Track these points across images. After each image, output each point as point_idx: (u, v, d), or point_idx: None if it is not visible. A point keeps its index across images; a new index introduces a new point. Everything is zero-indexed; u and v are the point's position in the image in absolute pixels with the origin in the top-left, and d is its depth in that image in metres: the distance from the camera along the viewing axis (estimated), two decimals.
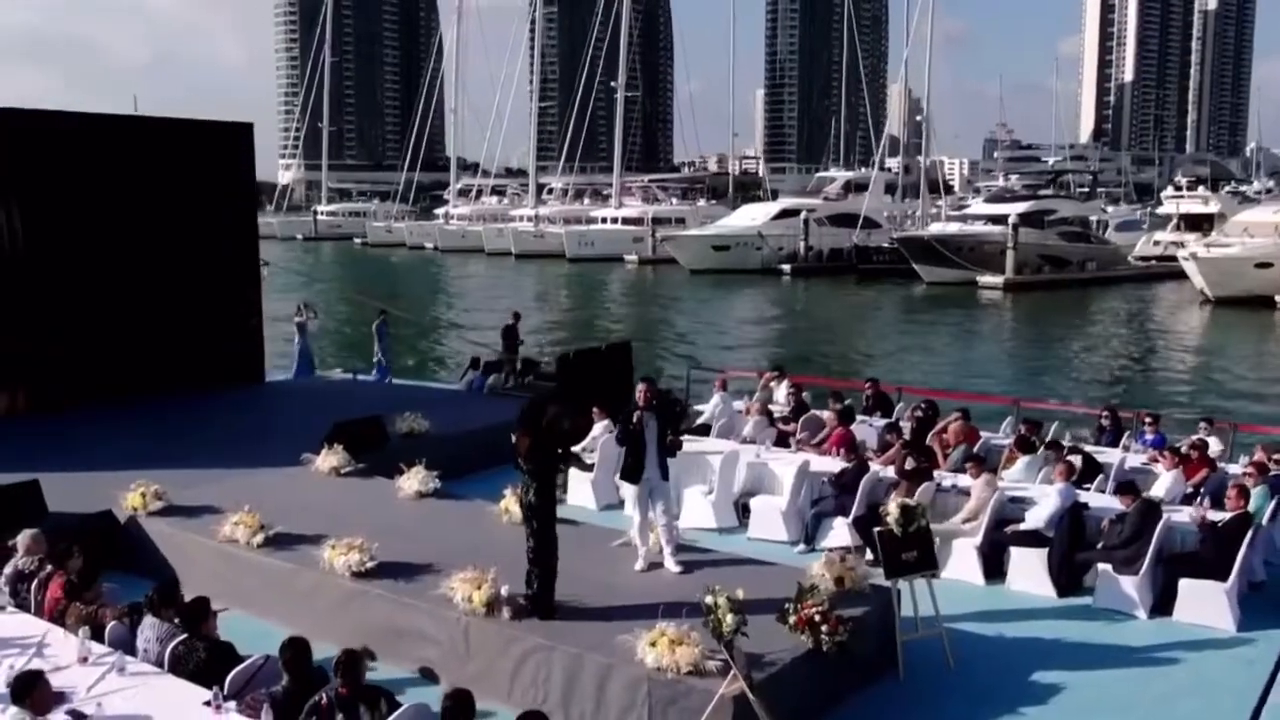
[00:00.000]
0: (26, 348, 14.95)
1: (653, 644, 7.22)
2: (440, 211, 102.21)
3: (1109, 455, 12.64)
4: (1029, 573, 10.34)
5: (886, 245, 60.63)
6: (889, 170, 78.76)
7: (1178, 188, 72.50)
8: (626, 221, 79.99)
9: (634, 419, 9.59)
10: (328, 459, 12.19)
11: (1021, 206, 57.36)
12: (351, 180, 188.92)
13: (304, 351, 20.37)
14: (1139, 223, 74.97)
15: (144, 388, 15.53)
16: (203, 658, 6.72)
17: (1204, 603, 9.52)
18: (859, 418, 14.35)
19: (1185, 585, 9.60)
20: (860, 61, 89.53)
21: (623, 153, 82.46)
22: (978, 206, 62.02)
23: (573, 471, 13.17)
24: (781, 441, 13.73)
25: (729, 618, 6.74)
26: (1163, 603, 9.75)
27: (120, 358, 15.57)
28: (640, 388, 9.72)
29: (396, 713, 5.93)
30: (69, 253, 15.39)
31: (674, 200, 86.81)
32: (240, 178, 18.07)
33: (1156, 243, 66.31)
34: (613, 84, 80.00)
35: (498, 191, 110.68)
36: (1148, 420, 13.19)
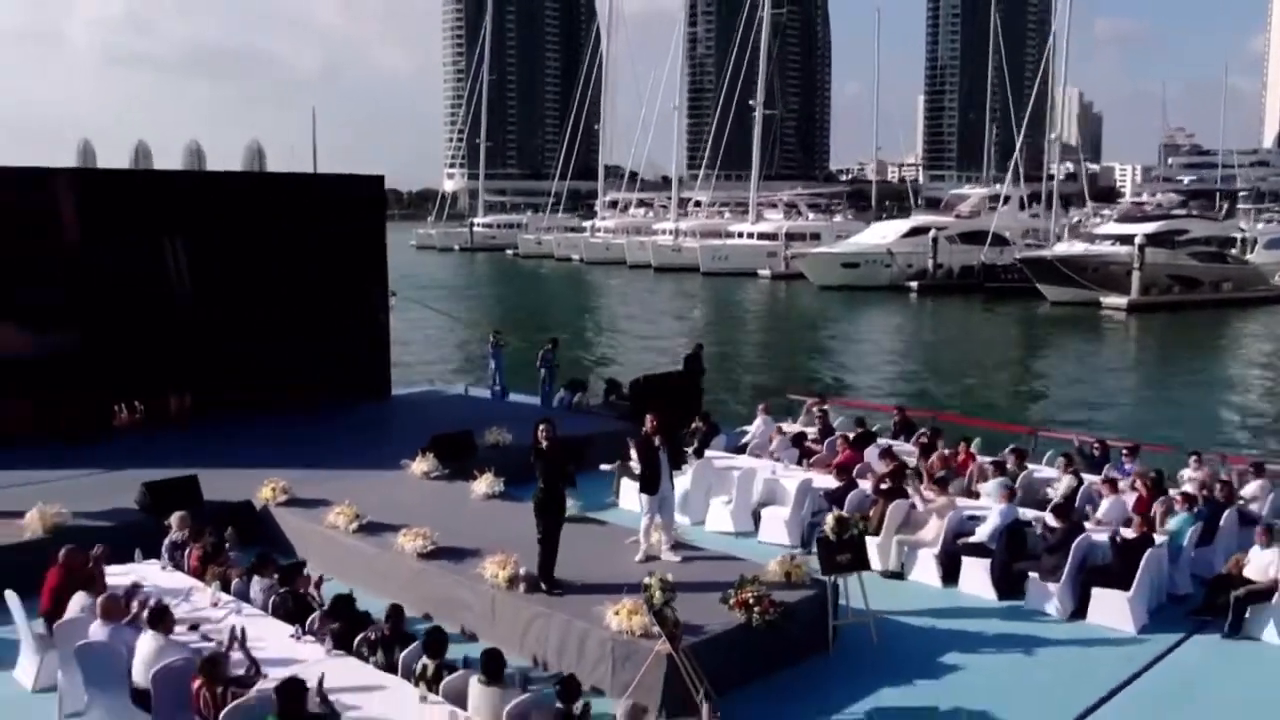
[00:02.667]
0: (195, 364, 18.39)
1: (616, 613, 9.68)
2: (587, 224, 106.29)
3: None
4: (975, 579, 12.34)
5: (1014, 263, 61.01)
6: (1052, 178, 77.88)
7: None
8: (762, 236, 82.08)
9: (653, 443, 12.05)
10: (420, 465, 15.03)
11: (1150, 227, 56.91)
12: (511, 189, 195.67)
13: (500, 371, 23.18)
14: None
15: (285, 400, 18.74)
16: (292, 606, 9.54)
17: (1110, 608, 11.39)
18: (882, 440, 16.43)
19: (1095, 593, 11.49)
20: (1006, 67, 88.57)
21: (760, 168, 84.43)
22: (1106, 226, 61.69)
23: (624, 480, 15.76)
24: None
25: (658, 594, 9.12)
26: (1081, 607, 11.65)
27: (267, 374, 18.82)
28: (649, 419, 12.15)
29: (410, 645, 8.58)
30: (228, 286, 18.78)
31: (810, 215, 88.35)
32: (371, 220, 21.19)
33: None
34: (750, 102, 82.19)
35: (645, 204, 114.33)
36: (1125, 451, 14.86)
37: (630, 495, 15.35)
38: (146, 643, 8.72)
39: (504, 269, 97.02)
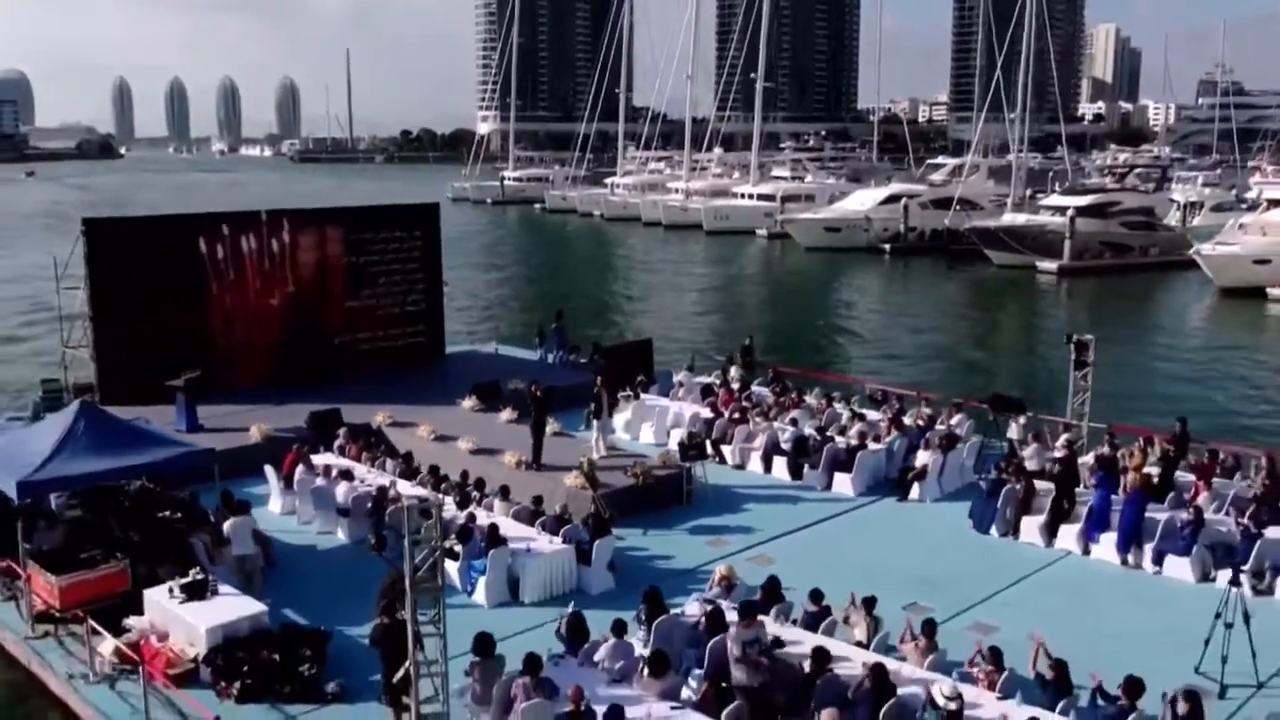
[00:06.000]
0: (329, 341, 28.11)
1: (569, 479, 19.39)
2: (608, 181, 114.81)
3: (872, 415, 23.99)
4: (780, 469, 21.98)
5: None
6: (1083, 119, 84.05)
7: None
8: (761, 197, 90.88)
9: (601, 392, 21.76)
10: (467, 402, 24.77)
11: (1084, 200, 65.12)
12: (543, 133, 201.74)
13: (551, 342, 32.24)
14: (1237, 204, 79.87)
15: (380, 363, 28.44)
16: (410, 473, 19.38)
17: (843, 484, 21.04)
18: (757, 387, 26.04)
19: (836, 476, 21.14)
20: (1032, 5, 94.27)
21: (760, 135, 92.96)
22: (1048, 199, 69.90)
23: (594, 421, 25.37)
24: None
25: (586, 465, 18.82)
26: (830, 484, 21.27)
27: (365, 346, 28.50)
28: (600, 379, 21.85)
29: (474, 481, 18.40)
30: (341, 286, 28.44)
31: (809, 177, 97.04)
32: (429, 233, 30.63)
33: (1242, 227, 72.13)
34: (752, 75, 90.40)
35: (666, 159, 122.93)
36: (893, 396, 24.42)
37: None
38: (343, 486, 18.63)
39: (532, 225, 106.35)
